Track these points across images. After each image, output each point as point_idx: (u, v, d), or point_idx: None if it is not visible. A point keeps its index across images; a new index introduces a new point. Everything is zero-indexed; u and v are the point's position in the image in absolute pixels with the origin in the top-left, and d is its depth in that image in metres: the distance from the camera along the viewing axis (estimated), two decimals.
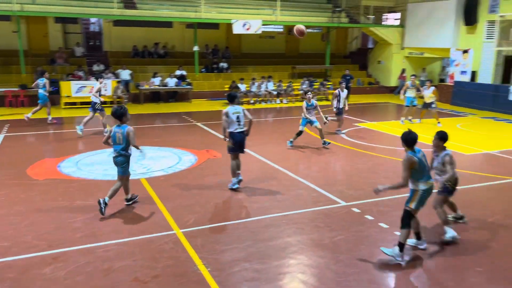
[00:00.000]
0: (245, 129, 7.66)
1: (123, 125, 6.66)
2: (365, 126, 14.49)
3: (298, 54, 25.90)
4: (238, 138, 7.61)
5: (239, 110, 7.59)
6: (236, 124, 7.56)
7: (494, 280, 4.95)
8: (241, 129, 7.61)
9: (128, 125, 6.72)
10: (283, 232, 6.09)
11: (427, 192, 5.39)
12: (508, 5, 18.14)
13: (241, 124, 7.60)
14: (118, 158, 6.70)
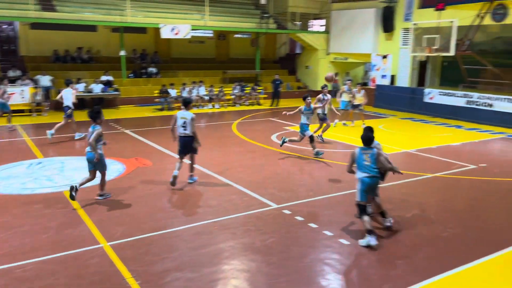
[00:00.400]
0: (190, 134, 8.13)
1: (96, 126, 7.22)
2: (295, 129, 14.84)
3: (228, 59, 26.06)
4: (181, 141, 8.19)
5: (187, 116, 8.05)
6: (182, 128, 8.08)
7: (412, 271, 5.28)
8: (185, 134, 8.10)
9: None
10: (215, 239, 6.05)
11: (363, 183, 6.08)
12: (421, 14, 19.64)
13: (186, 130, 8.06)
14: (89, 154, 7.23)
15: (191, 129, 8.09)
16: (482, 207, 7.61)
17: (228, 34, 25.79)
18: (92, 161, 7.20)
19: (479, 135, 14.35)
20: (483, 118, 16.34)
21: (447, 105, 17.65)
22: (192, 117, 8.11)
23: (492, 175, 9.48)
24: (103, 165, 7.38)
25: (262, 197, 7.75)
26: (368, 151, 6.11)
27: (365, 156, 6.10)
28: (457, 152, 11.80)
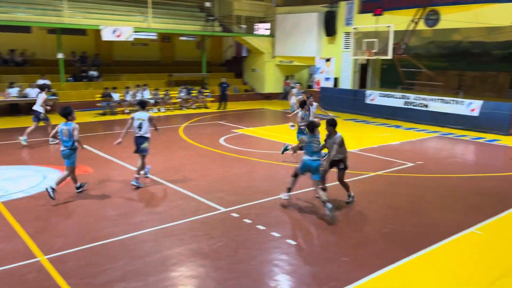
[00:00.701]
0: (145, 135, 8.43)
1: (69, 123, 7.58)
2: (243, 132, 14.91)
3: (173, 62, 25.70)
4: (136, 141, 8.50)
5: (143, 117, 8.40)
6: (137, 129, 8.42)
7: (356, 267, 5.45)
8: (140, 135, 8.41)
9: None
10: (161, 246, 5.90)
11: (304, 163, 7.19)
12: (360, 19, 20.45)
13: (141, 130, 8.39)
14: (65, 151, 7.61)
15: (146, 129, 8.42)
16: (419, 203, 8.01)
17: (173, 36, 25.42)
18: (67, 156, 7.63)
19: (416, 134, 15.13)
20: (420, 118, 17.26)
21: (387, 106, 18.45)
22: (149, 117, 8.43)
23: (428, 172, 10.02)
24: (73, 161, 7.76)
25: (209, 201, 7.68)
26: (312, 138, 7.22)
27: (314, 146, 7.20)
28: (396, 151, 12.36)
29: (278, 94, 25.60)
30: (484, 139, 14.27)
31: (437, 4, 17.65)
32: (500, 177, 9.70)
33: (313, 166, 7.12)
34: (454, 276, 5.27)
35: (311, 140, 7.21)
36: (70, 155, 7.66)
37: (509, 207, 7.67)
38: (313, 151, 7.16)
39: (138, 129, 8.41)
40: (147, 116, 8.40)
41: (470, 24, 17.04)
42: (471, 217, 7.16)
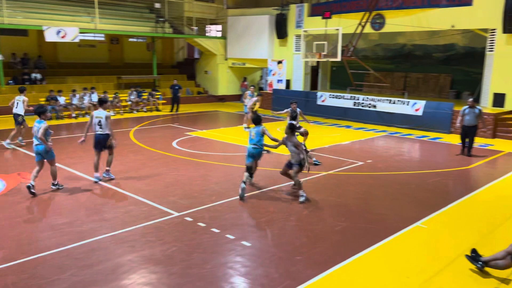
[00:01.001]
0: (105, 132, 8.69)
1: (41, 121, 7.89)
2: (197, 134, 14.76)
3: (123, 64, 25.03)
4: (96, 138, 8.77)
5: (102, 115, 8.66)
6: (98, 127, 8.68)
7: (310, 265, 5.54)
8: (100, 132, 8.70)
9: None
10: (112, 254, 5.71)
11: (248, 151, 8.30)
12: (310, 22, 20.88)
13: (102, 128, 8.68)
14: (38, 147, 7.94)
15: (106, 127, 8.70)
16: (369, 200, 8.28)
17: (122, 38, 24.76)
18: (41, 152, 7.95)
19: (365, 133, 15.64)
20: (368, 118, 17.86)
21: (337, 107, 18.95)
22: (107, 115, 8.70)
23: (377, 170, 10.38)
24: (52, 155, 8.10)
25: (162, 206, 7.53)
26: (254, 130, 8.29)
27: (253, 133, 8.31)
28: (347, 150, 12.71)
29: (232, 96, 25.60)
30: (428, 137, 14.99)
31: (382, 9, 18.36)
32: (443, 173, 10.22)
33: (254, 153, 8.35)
34: (402, 268, 5.48)
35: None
36: (46, 151, 8.01)
37: (451, 201, 8.09)
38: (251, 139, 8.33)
39: (98, 126, 8.71)
40: (105, 115, 8.70)
41: (413, 28, 17.87)
42: (417, 212, 7.49)
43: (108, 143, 8.85)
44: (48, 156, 8.09)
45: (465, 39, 18.73)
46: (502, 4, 15.05)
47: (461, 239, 6.39)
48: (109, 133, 8.82)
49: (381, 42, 21.70)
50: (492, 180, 9.62)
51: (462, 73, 19.22)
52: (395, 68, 21.45)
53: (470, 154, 12.01)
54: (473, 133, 11.93)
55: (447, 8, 16.68)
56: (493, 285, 5.08)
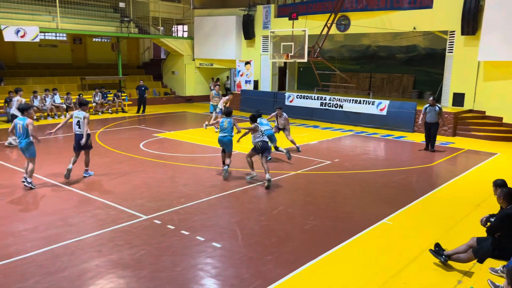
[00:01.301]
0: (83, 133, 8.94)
1: (24, 118, 8.23)
2: (164, 136, 14.57)
3: (87, 64, 24.42)
4: (75, 138, 9.05)
5: (80, 116, 8.94)
6: (76, 127, 8.96)
7: (280, 264, 5.57)
8: (79, 132, 8.95)
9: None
10: (77, 259, 5.55)
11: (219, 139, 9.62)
12: (277, 23, 21.02)
13: (80, 128, 8.93)
14: (21, 144, 8.23)
15: (84, 127, 8.93)
16: (337, 198, 8.42)
17: (85, 38, 24.13)
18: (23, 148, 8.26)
19: (333, 133, 15.90)
20: (335, 118, 18.17)
21: (305, 107, 19.16)
22: (84, 115, 8.96)
23: (344, 169, 10.57)
24: (33, 153, 8.37)
25: (130, 209, 7.39)
26: (227, 120, 9.54)
27: (225, 123, 9.48)
28: (315, 149, 12.88)
29: (200, 97, 25.42)
30: (392, 136, 15.40)
31: (347, 10, 18.71)
32: (407, 171, 10.53)
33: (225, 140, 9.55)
34: (370, 265, 5.60)
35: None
36: (28, 148, 8.28)
37: (415, 198, 8.34)
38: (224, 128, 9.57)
39: (77, 126, 8.99)
40: (83, 115, 8.95)
41: (377, 29, 18.32)
42: (382, 209, 7.67)
43: (83, 143, 9.00)
44: (28, 153, 8.33)
45: (426, 40, 19.37)
46: (460, 7, 15.67)
47: (425, 234, 6.60)
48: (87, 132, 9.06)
49: (347, 43, 22.12)
50: (453, 177, 9.99)
51: (424, 73, 19.86)
52: (360, 68, 21.93)
53: (433, 149, 12.67)
54: (435, 129, 12.61)
55: (409, 11, 17.20)
56: (456, 277, 5.28)
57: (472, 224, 6.82)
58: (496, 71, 15.51)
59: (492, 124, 15.56)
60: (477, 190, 8.90)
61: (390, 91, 20.78)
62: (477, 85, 16.11)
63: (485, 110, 16.05)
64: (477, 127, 15.45)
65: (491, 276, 5.18)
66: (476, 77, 16.07)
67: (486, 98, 15.89)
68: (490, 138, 14.81)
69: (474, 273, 5.35)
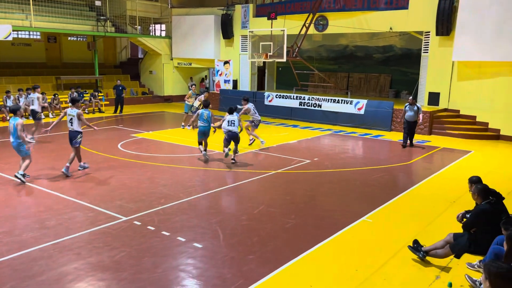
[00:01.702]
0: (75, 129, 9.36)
1: (16, 118, 8.59)
2: (142, 136, 14.40)
3: (62, 63, 23.91)
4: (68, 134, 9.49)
5: (73, 114, 9.31)
6: (69, 123, 9.39)
7: (262, 263, 5.58)
8: (71, 129, 9.41)
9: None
10: (55, 263, 5.42)
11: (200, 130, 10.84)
12: (256, 23, 21.04)
13: (72, 125, 9.35)
14: (13, 143, 8.64)
15: (76, 124, 9.35)
16: (317, 197, 8.49)
17: (60, 36, 23.62)
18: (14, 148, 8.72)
19: (312, 132, 16.02)
20: (314, 117, 18.31)
21: (284, 106, 19.24)
22: (77, 113, 9.33)
23: (324, 168, 10.67)
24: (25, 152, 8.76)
25: (109, 211, 7.27)
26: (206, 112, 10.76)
27: (205, 114, 10.75)
28: (294, 149, 12.95)
29: (178, 97, 25.22)
30: (370, 135, 15.63)
31: (325, 10, 18.88)
32: (385, 169, 10.70)
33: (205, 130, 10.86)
34: (351, 262, 5.66)
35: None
36: (18, 148, 8.65)
37: (394, 196, 8.49)
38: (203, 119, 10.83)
39: (70, 123, 9.37)
40: (76, 113, 9.30)
41: (355, 29, 18.56)
42: (362, 207, 7.78)
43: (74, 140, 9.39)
44: (21, 153, 8.76)
45: (402, 41, 19.73)
46: (435, 9, 16.01)
47: (404, 231, 6.72)
48: (78, 130, 9.43)
49: (325, 43, 22.32)
50: (430, 174, 10.20)
51: (401, 73, 20.23)
52: (338, 68, 22.16)
53: (412, 145, 13.45)
54: (414, 127, 13.36)
55: (385, 11, 17.48)
56: (434, 273, 5.39)
57: (449, 220, 6.98)
58: (469, 71, 15.93)
59: (466, 123, 15.98)
60: (453, 187, 9.12)
61: (367, 91, 21.08)
62: (452, 84, 16.51)
63: (459, 109, 16.45)
64: (452, 125, 15.83)
65: (468, 271, 5.32)
66: (451, 77, 16.46)
67: (460, 97, 16.30)
68: (464, 136, 15.20)
69: (452, 268, 5.48)
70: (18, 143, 8.60)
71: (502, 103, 15.10)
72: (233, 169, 10.34)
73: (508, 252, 3.85)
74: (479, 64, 15.47)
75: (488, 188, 5.64)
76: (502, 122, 15.13)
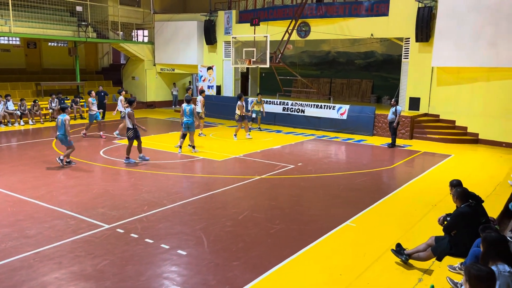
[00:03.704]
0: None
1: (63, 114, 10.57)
2: (125, 143, 14.22)
3: (42, 69, 23.54)
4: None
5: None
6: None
7: (247, 269, 5.58)
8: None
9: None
10: (36, 272, 5.32)
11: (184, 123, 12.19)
12: (239, 28, 21.12)
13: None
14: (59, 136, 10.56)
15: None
16: (301, 202, 8.53)
17: (40, 42, 23.27)
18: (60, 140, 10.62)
19: (295, 137, 16.10)
20: (297, 123, 18.41)
21: (267, 112, 19.24)
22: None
23: (307, 173, 10.73)
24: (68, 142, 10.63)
25: (91, 219, 7.17)
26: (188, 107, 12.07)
27: (187, 109, 12.06)
28: (278, 154, 12.99)
29: (161, 103, 25.08)
30: (353, 140, 15.79)
31: (307, 17, 19.07)
32: (368, 173, 10.82)
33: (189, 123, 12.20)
34: (335, 267, 5.70)
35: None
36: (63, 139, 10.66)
37: (377, 200, 8.58)
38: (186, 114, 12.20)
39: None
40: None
41: (336, 36, 18.78)
42: (346, 212, 7.84)
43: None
44: (65, 144, 10.68)
45: (383, 47, 20.04)
46: (414, 15, 16.33)
47: (387, 235, 6.80)
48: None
49: (307, 49, 22.52)
50: (412, 178, 10.36)
51: (382, 78, 20.52)
52: (321, 74, 22.36)
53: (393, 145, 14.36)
54: (392, 128, 14.21)
55: (366, 18, 17.75)
56: (417, 276, 5.46)
57: (431, 223, 7.09)
58: (448, 77, 16.27)
59: (446, 127, 16.28)
60: (434, 191, 9.27)
61: (349, 96, 21.31)
62: (431, 89, 16.83)
63: (439, 113, 16.77)
64: (432, 130, 16.12)
65: (450, 273, 5.40)
66: (430, 82, 16.78)
67: (440, 102, 16.62)
68: (444, 141, 15.48)
69: (434, 271, 5.56)
70: (63, 135, 10.46)
71: (480, 108, 15.45)
72: (217, 175, 10.31)
73: (484, 254, 3.95)
74: (458, 69, 15.81)
75: (467, 191, 5.75)
76: (481, 126, 15.47)
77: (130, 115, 11.04)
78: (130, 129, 11.10)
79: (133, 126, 11.11)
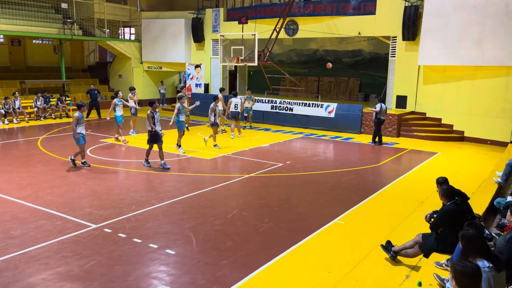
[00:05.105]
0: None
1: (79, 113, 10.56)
2: (112, 141, 14.11)
3: (26, 67, 23.16)
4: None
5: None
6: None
7: (236, 268, 5.57)
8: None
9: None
10: (22, 274, 5.23)
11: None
12: (227, 26, 21.06)
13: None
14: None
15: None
16: (290, 200, 8.54)
17: (25, 39, 22.89)
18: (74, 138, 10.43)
19: (284, 136, 16.13)
20: (286, 121, 18.44)
21: (256, 110, 19.24)
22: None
23: (296, 171, 10.75)
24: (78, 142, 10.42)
25: (78, 219, 7.09)
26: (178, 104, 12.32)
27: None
28: (267, 152, 13.00)
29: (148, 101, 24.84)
30: (340, 138, 15.87)
31: (295, 15, 19.10)
32: (356, 171, 10.89)
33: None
34: (324, 264, 5.72)
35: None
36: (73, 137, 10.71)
37: (364, 197, 8.64)
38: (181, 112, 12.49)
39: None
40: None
41: (324, 34, 18.83)
42: (334, 209, 7.88)
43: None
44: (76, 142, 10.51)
45: (370, 45, 20.17)
46: (401, 14, 16.46)
47: (375, 232, 6.85)
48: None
49: (295, 48, 22.56)
50: (399, 176, 10.45)
51: (369, 77, 20.67)
52: (309, 72, 22.43)
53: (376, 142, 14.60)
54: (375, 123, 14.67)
55: (354, 16, 17.84)
56: (405, 272, 5.51)
57: (418, 220, 7.15)
58: (434, 75, 16.45)
59: (432, 125, 16.47)
60: (421, 188, 9.37)
61: (337, 94, 21.41)
62: (418, 88, 16.99)
63: (425, 111, 16.94)
64: (419, 128, 16.28)
65: (437, 270, 5.46)
66: (417, 81, 16.94)
67: (426, 100, 16.79)
68: (430, 138, 15.65)
69: (421, 268, 5.61)
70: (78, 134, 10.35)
71: (465, 106, 15.65)
72: (206, 174, 10.28)
73: (463, 251, 4.04)
74: (444, 68, 15.99)
75: (453, 188, 5.82)
76: (466, 124, 15.68)
77: (148, 117, 10.56)
78: (149, 131, 10.64)
79: (151, 128, 10.52)
